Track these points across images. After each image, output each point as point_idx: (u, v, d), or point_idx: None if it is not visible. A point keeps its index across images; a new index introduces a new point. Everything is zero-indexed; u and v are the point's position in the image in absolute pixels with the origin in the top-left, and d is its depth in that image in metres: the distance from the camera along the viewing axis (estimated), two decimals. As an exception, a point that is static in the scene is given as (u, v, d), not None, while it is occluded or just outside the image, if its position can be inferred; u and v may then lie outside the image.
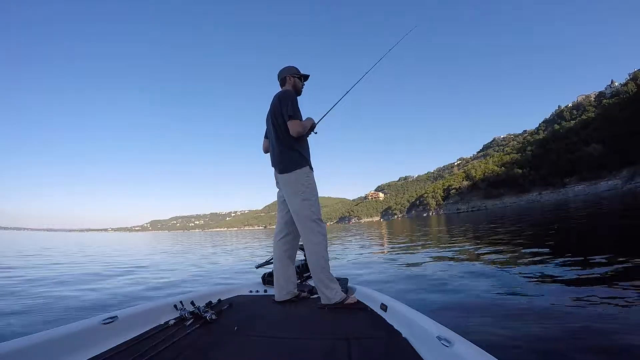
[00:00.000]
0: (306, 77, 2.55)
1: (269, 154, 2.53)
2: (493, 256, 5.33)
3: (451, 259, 5.59)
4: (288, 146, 2.25)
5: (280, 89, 2.44)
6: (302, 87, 2.54)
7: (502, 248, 6.29)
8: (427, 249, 7.57)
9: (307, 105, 2.46)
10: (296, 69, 2.50)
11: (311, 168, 2.31)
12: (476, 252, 6.04)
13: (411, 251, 7.53)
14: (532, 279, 3.47)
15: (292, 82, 2.45)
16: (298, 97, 2.37)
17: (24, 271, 6.64)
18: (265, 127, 2.54)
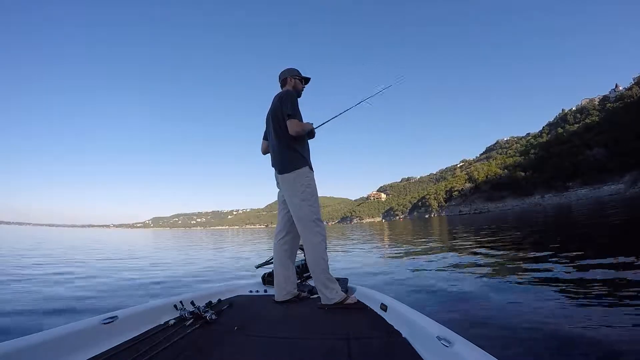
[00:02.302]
0: (307, 79, 2.56)
1: (268, 154, 2.54)
2: (495, 259, 5.32)
3: (453, 260, 5.58)
4: (288, 146, 2.26)
5: (280, 90, 2.46)
6: (303, 89, 2.55)
7: (504, 252, 6.28)
8: (429, 249, 7.57)
9: (309, 109, 2.48)
10: (297, 70, 2.52)
11: (311, 168, 2.31)
12: (478, 255, 6.03)
13: (413, 251, 7.53)
14: (533, 282, 3.46)
15: (293, 83, 2.47)
16: (298, 100, 2.37)
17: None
18: (265, 129, 2.55)
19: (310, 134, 2.44)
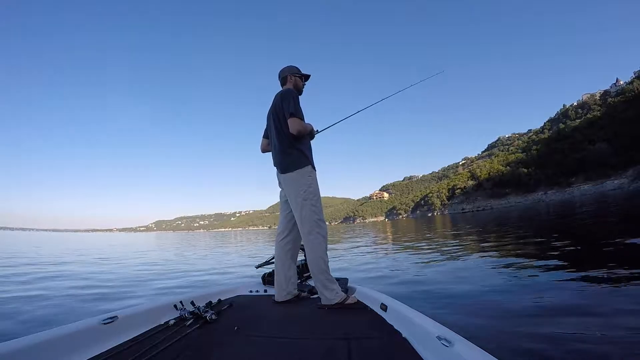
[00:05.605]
0: (307, 76, 2.54)
1: (268, 153, 2.53)
2: (496, 258, 5.30)
3: (454, 259, 5.57)
4: (290, 145, 2.24)
5: (281, 89, 2.44)
6: (303, 87, 2.53)
7: (505, 251, 6.25)
8: (432, 249, 7.55)
9: (310, 110, 2.46)
10: (297, 68, 2.50)
11: (313, 167, 2.28)
12: (480, 253, 6.01)
13: (414, 251, 7.50)
14: (535, 281, 3.44)
15: (293, 81, 2.45)
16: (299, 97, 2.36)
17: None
18: (265, 127, 2.54)
19: (310, 134, 2.42)
